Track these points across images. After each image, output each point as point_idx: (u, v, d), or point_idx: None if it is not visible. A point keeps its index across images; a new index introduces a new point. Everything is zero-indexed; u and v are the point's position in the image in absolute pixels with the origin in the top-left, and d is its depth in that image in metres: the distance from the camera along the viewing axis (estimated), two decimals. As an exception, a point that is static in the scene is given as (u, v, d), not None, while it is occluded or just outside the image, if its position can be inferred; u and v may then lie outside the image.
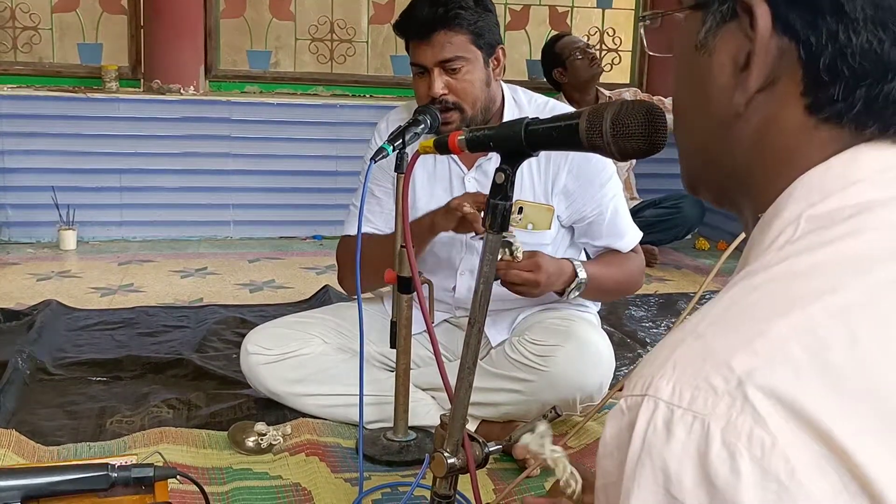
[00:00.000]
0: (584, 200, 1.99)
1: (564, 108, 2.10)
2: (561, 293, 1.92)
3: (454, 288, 2.06)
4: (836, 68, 0.58)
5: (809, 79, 0.59)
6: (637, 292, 3.33)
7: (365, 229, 2.08)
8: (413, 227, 1.86)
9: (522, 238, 1.96)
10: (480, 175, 1.99)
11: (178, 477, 1.40)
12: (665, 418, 0.51)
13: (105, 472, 1.31)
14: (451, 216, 1.80)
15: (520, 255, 1.76)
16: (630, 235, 2.07)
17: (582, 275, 1.90)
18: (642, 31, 0.76)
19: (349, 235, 2.07)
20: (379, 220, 2.09)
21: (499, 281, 1.79)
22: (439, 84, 1.89)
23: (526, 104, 2.02)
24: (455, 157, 2.00)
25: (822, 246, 0.55)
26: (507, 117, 1.96)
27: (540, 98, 2.08)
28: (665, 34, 0.72)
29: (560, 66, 3.97)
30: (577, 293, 1.92)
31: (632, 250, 2.09)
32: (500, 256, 1.74)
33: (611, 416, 0.55)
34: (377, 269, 1.84)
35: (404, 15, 1.94)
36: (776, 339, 0.50)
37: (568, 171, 1.97)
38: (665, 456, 0.50)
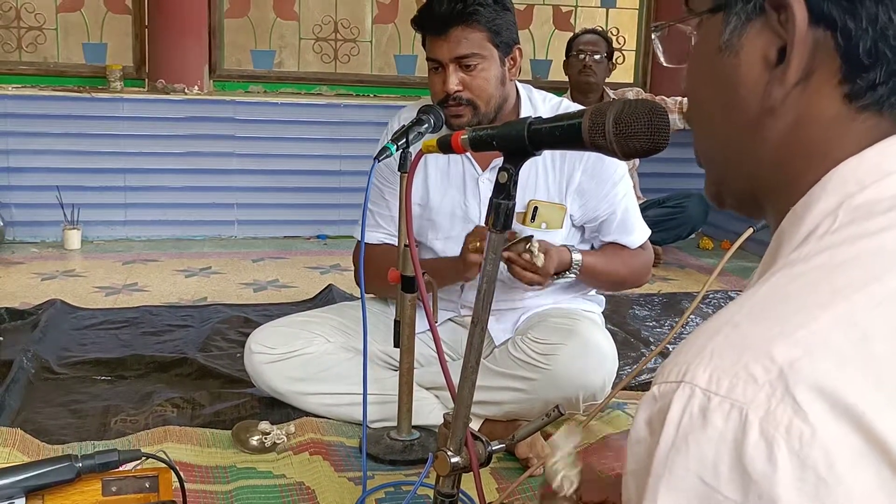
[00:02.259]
0: (598, 200, 2.00)
1: (577, 108, 2.08)
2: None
3: (462, 287, 2.06)
4: (878, 51, 0.58)
5: (848, 66, 0.59)
6: (641, 291, 3.35)
7: (378, 236, 2.08)
8: (436, 269, 1.87)
9: (535, 237, 1.96)
10: (495, 176, 1.99)
11: (148, 459, 1.40)
12: (701, 405, 0.50)
13: (69, 463, 1.32)
14: (471, 267, 1.83)
15: (539, 261, 1.77)
16: (638, 232, 2.07)
17: (577, 257, 1.92)
18: (656, 41, 0.75)
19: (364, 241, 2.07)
20: (390, 226, 2.09)
21: (506, 268, 1.82)
22: (454, 80, 1.89)
23: (540, 103, 2.03)
24: (470, 157, 2.00)
25: (863, 237, 0.55)
26: (523, 116, 1.96)
27: (554, 98, 2.09)
28: (681, 42, 0.71)
29: (566, 57, 4.00)
30: (571, 276, 1.94)
31: (640, 246, 2.09)
32: (520, 252, 1.77)
33: (643, 403, 0.54)
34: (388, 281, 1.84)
35: (423, 9, 1.94)
36: (819, 330, 0.49)
37: (583, 170, 1.97)
38: (701, 443, 0.49)
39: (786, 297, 0.53)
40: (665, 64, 0.75)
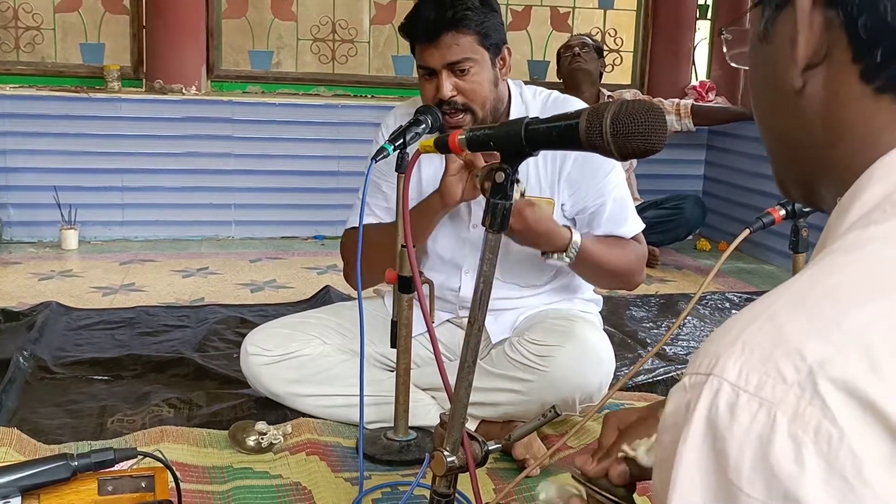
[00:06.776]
0: (587, 190, 1.98)
1: (569, 99, 2.07)
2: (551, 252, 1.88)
3: (459, 288, 2.06)
4: (875, 28, 0.57)
5: (856, 44, 0.58)
6: (638, 292, 3.35)
7: (368, 220, 2.07)
8: (415, 213, 1.85)
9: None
10: None
11: (146, 458, 1.39)
12: (729, 401, 0.49)
13: (65, 462, 1.31)
14: (450, 190, 1.84)
15: (516, 193, 1.71)
16: (631, 224, 2.04)
17: (576, 238, 1.86)
18: (725, 44, 0.77)
19: (353, 228, 2.05)
20: (383, 214, 2.08)
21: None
22: (448, 86, 1.88)
23: (531, 99, 2.02)
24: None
25: None
26: (513, 115, 1.96)
27: (545, 92, 2.07)
28: (739, 43, 0.73)
29: (557, 62, 4.22)
30: (566, 259, 1.88)
31: (634, 239, 2.06)
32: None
33: (673, 392, 0.54)
34: (380, 257, 1.83)
35: (410, 17, 1.93)
36: (854, 328, 0.47)
37: (574, 159, 1.96)
38: (726, 439, 0.48)
39: (824, 291, 0.51)
40: (731, 63, 0.76)
